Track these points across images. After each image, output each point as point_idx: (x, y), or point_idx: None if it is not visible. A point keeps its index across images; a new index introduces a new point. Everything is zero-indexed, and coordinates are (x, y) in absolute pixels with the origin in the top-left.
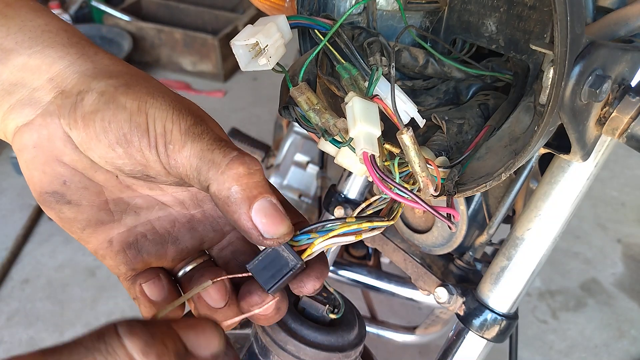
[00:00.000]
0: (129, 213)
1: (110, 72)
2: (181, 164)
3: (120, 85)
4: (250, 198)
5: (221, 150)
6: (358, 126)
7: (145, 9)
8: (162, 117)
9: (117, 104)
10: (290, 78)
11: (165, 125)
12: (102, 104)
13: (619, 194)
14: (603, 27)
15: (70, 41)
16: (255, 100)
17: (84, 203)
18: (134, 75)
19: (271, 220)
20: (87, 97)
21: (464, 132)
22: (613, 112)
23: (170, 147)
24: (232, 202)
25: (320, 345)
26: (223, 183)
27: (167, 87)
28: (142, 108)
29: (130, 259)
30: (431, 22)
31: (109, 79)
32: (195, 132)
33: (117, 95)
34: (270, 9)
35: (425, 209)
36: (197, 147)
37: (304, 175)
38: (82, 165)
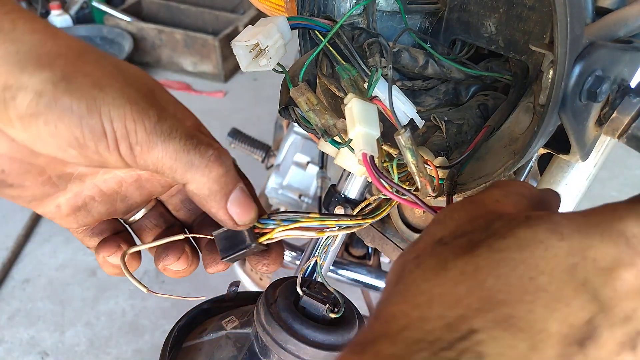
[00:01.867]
0: (74, 182)
1: (39, 57)
2: (152, 164)
3: (59, 81)
4: (227, 193)
5: (197, 151)
6: (357, 127)
7: (146, 9)
8: (119, 115)
9: (61, 106)
10: (291, 78)
11: (127, 126)
12: (43, 106)
13: (618, 194)
14: (602, 28)
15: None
16: (256, 100)
17: (26, 184)
18: (68, 57)
19: (243, 209)
20: (20, 97)
21: (464, 132)
22: (613, 113)
23: (137, 149)
24: (211, 200)
25: (320, 345)
26: (203, 184)
27: (105, 55)
28: (92, 108)
29: (80, 219)
30: (431, 22)
31: (43, 71)
32: (164, 129)
33: (59, 95)
34: (271, 10)
35: (424, 209)
36: (170, 147)
37: (304, 175)
38: (20, 154)
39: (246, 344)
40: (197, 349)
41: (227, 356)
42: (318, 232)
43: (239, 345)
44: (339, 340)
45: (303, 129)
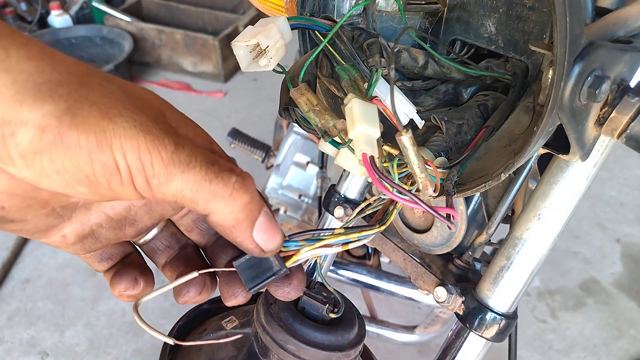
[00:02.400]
0: (79, 210)
1: (39, 87)
2: (171, 195)
3: (64, 114)
4: (253, 221)
5: (220, 180)
6: (357, 128)
7: (146, 9)
8: (132, 147)
9: (68, 142)
10: (291, 79)
11: (142, 158)
12: (47, 143)
13: (618, 194)
14: (602, 28)
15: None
16: (256, 100)
17: (28, 218)
18: (73, 87)
19: (270, 235)
20: (21, 134)
21: (463, 132)
22: (612, 113)
23: (154, 182)
24: (237, 229)
25: (320, 345)
26: (228, 214)
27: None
28: (102, 142)
29: (87, 246)
30: (430, 22)
31: (44, 104)
32: (182, 159)
33: (64, 130)
34: (271, 10)
35: (424, 209)
36: (190, 178)
37: (304, 175)
38: (22, 190)
39: (246, 344)
40: (197, 349)
41: (227, 356)
42: (343, 246)
43: (239, 345)
44: (338, 340)
45: (303, 130)
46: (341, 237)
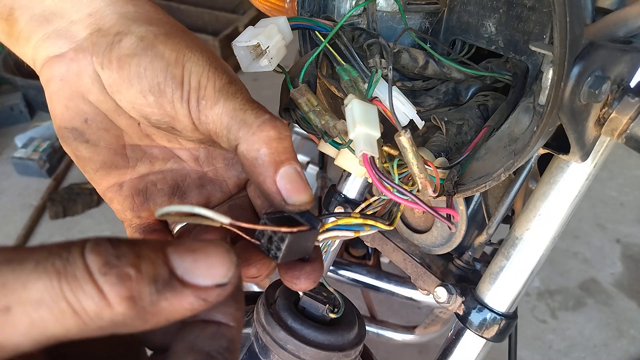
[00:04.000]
0: (144, 161)
1: (150, 18)
2: (212, 121)
3: (161, 34)
4: (277, 162)
5: (253, 112)
6: (357, 128)
7: None
8: (198, 71)
9: (156, 51)
10: (291, 79)
11: (200, 81)
12: (141, 49)
13: (618, 194)
14: (602, 28)
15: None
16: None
17: (101, 144)
18: (174, 26)
19: (295, 187)
20: (126, 40)
21: (464, 132)
22: (612, 113)
23: (202, 103)
24: (260, 164)
25: (320, 345)
26: (253, 144)
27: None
28: (179, 60)
29: (137, 206)
30: (431, 23)
31: (150, 25)
32: (230, 90)
33: (157, 43)
34: (271, 10)
35: (424, 209)
36: (230, 105)
37: None
38: (106, 106)
39: (246, 344)
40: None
41: None
42: (355, 233)
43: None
44: (338, 340)
45: (303, 130)
46: (358, 220)
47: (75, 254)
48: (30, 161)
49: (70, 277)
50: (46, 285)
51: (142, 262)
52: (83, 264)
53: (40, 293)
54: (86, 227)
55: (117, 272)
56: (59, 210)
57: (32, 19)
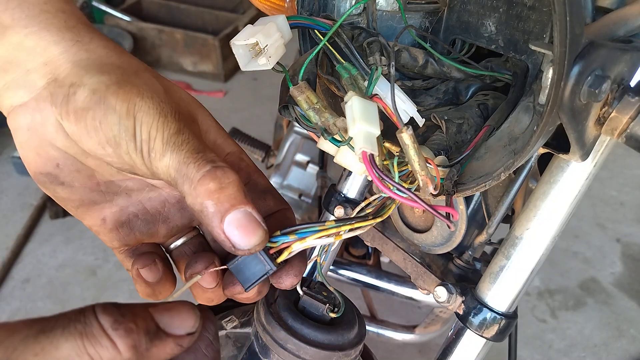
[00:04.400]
0: (121, 194)
1: (103, 65)
2: (161, 172)
3: (112, 84)
4: (222, 212)
5: (195, 164)
6: (357, 125)
7: (145, 9)
8: (148, 122)
9: (108, 105)
10: (291, 77)
11: (150, 132)
12: (94, 102)
13: (618, 194)
14: (602, 27)
15: (67, 24)
16: (256, 100)
17: (76, 185)
18: (126, 70)
19: (243, 232)
20: (80, 92)
21: (464, 131)
22: (612, 112)
23: (152, 155)
24: (205, 216)
25: (320, 344)
26: (196, 198)
27: (162, 79)
28: (130, 111)
29: (123, 236)
30: (431, 22)
31: (102, 75)
32: (176, 141)
33: (108, 95)
34: (271, 9)
35: (424, 208)
36: (175, 158)
37: (304, 175)
38: (73, 150)
39: (246, 344)
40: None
41: (227, 356)
42: (336, 237)
43: (239, 345)
44: (339, 339)
45: (303, 127)
46: (332, 230)
47: (90, 317)
48: None
49: (90, 335)
50: (72, 345)
51: (138, 319)
52: (98, 324)
53: (68, 351)
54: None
55: (125, 327)
56: (59, 210)
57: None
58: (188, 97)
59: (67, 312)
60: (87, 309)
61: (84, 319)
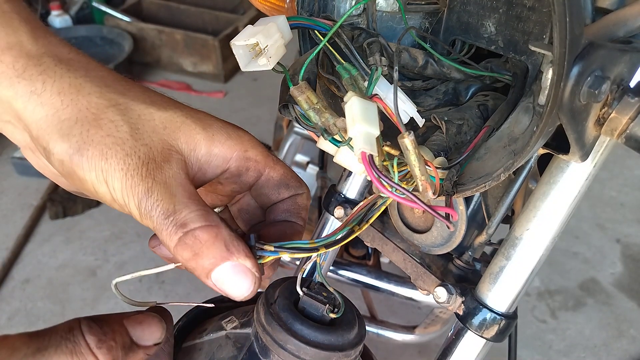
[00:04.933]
0: None
1: (60, 123)
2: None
3: (74, 153)
4: (205, 274)
5: (167, 232)
6: (356, 126)
7: (145, 10)
8: (118, 187)
9: (77, 176)
10: (291, 77)
11: (123, 198)
12: (66, 172)
13: (617, 194)
14: (602, 28)
15: (17, 71)
16: (256, 100)
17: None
18: (86, 126)
19: (231, 284)
20: (53, 160)
21: (463, 132)
22: (612, 113)
23: (136, 216)
24: (195, 273)
25: (320, 345)
26: (180, 260)
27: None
28: (100, 178)
29: None
30: (430, 23)
31: (63, 142)
32: (146, 207)
33: (74, 167)
34: (271, 10)
35: (423, 208)
36: (151, 225)
37: (304, 176)
38: None
39: (246, 344)
40: (197, 349)
41: (227, 356)
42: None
43: (239, 345)
44: (339, 340)
45: (303, 127)
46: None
47: (78, 337)
48: None
49: (79, 353)
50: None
51: (116, 336)
52: (85, 342)
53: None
54: (86, 227)
55: (107, 345)
56: (59, 210)
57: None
58: (164, 122)
59: (58, 327)
60: (74, 327)
61: (73, 337)
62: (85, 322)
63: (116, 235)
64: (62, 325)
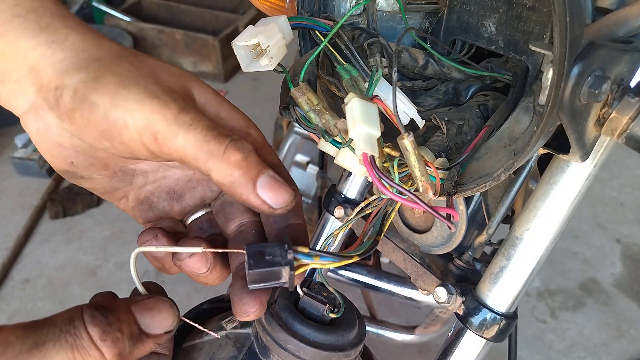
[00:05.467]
0: (137, 176)
1: (80, 62)
2: (175, 152)
3: (89, 80)
4: (252, 178)
5: (215, 140)
6: (357, 127)
7: (146, 9)
8: (140, 109)
9: (90, 102)
10: (291, 78)
11: (149, 117)
12: (77, 102)
13: (618, 194)
14: (602, 28)
15: (40, 25)
16: (256, 100)
17: (94, 176)
18: (104, 61)
19: (275, 192)
20: (64, 95)
21: (464, 132)
22: (612, 113)
23: (160, 137)
24: (238, 186)
25: (320, 345)
26: (225, 171)
27: (147, 61)
28: (114, 103)
29: (143, 213)
30: (431, 22)
31: (79, 73)
32: (185, 120)
33: (88, 93)
34: (271, 10)
35: (424, 209)
36: (191, 137)
37: (304, 176)
38: (81, 147)
39: (246, 344)
40: (197, 349)
41: (227, 356)
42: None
43: (239, 345)
44: (339, 340)
45: (303, 128)
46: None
47: (80, 329)
48: (30, 161)
49: (80, 348)
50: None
51: (123, 325)
52: (87, 335)
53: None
54: (86, 227)
55: (112, 337)
56: (59, 210)
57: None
58: (179, 73)
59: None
60: (75, 317)
61: (74, 330)
62: (87, 310)
63: (116, 235)
64: (61, 315)
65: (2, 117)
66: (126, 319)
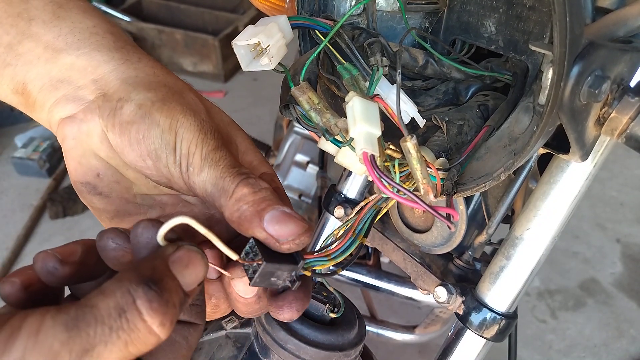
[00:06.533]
0: (155, 207)
1: (149, 83)
2: (198, 187)
3: (157, 100)
4: (259, 212)
5: (231, 177)
6: (358, 126)
7: (145, 9)
8: (188, 138)
9: (152, 119)
10: (292, 77)
11: (190, 147)
12: (139, 117)
13: (618, 194)
14: (602, 28)
15: (116, 45)
16: (256, 100)
17: (113, 195)
18: (171, 89)
19: (283, 226)
20: (126, 107)
21: (464, 133)
22: (612, 113)
23: (190, 169)
24: (245, 220)
25: (320, 344)
26: (233, 207)
27: (205, 101)
28: (173, 126)
29: None
30: (430, 22)
31: (148, 92)
32: (214, 158)
33: (153, 111)
34: (271, 10)
35: (424, 208)
36: (212, 174)
37: (304, 175)
38: (115, 162)
39: (246, 344)
40: (197, 348)
41: (227, 356)
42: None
43: (239, 345)
44: (339, 340)
45: (304, 127)
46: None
47: (135, 321)
48: (30, 161)
49: (136, 341)
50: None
51: (174, 297)
52: (144, 326)
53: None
54: (86, 227)
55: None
56: (59, 210)
57: (42, 88)
58: (228, 119)
59: (100, 305)
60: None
61: (127, 324)
62: (140, 290)
63: None
64: (105, 304)
65: (2, 117)
66: (174, 287)
